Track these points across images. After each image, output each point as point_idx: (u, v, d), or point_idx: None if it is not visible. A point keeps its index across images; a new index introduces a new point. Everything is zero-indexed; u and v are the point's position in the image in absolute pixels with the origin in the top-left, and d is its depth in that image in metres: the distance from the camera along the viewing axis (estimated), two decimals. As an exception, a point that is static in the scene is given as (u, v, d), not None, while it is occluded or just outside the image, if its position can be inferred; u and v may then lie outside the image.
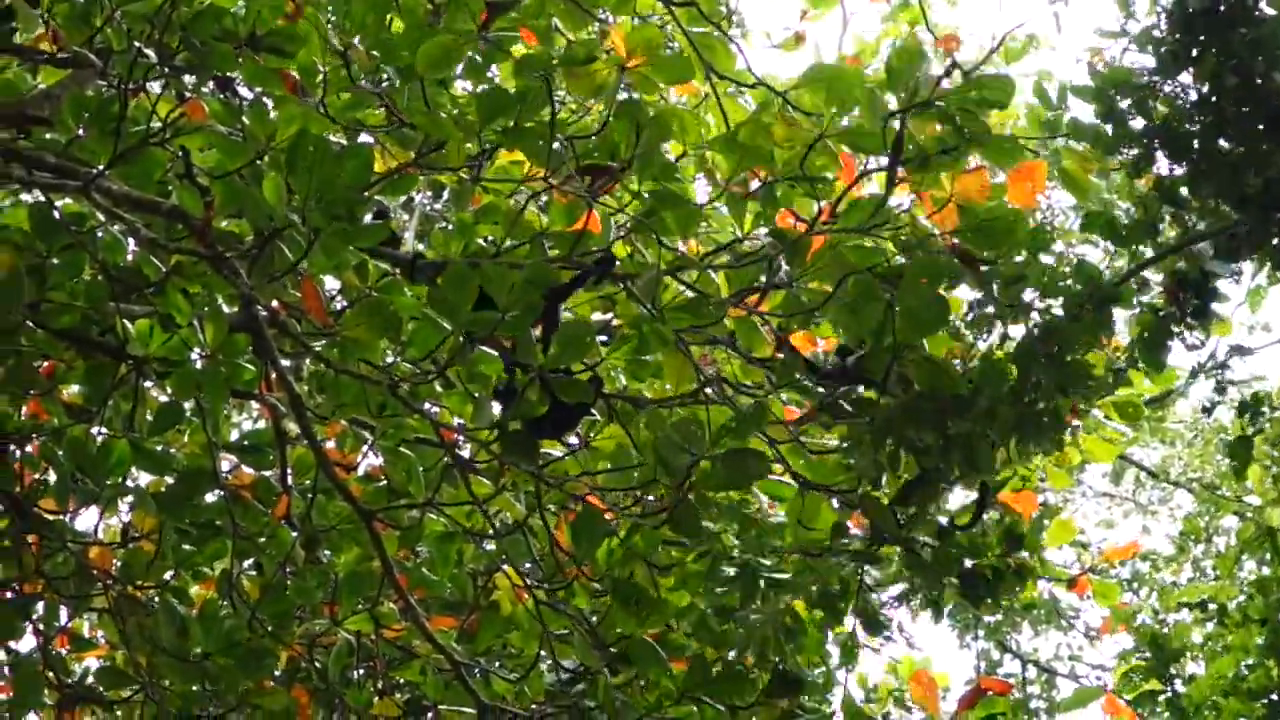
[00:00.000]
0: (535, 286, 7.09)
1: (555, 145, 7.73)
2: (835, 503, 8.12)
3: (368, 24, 7.66)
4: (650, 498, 7.33)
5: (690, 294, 7.71)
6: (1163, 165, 7.54)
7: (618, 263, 7.59)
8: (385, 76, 8.30)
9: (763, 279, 7.63)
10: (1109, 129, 7.56)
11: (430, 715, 8.80)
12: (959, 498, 8.25)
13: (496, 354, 7.13)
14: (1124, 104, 7.52)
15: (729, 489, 7.25)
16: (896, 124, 7.27)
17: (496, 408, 7.56)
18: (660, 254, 7.43)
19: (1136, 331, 7.58)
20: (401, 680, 9.10)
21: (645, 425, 7.66)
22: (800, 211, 7.76)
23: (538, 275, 7.29)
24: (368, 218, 7.67)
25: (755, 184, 7.77)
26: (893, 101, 7.32)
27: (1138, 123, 7.52)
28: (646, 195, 7.81)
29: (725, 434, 7.06)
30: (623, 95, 7.95)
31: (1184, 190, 7.49)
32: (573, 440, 8.11)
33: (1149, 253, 7.63)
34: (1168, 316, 7.54)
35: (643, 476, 7.19)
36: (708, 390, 7.91)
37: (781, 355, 7.62)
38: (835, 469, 7.99)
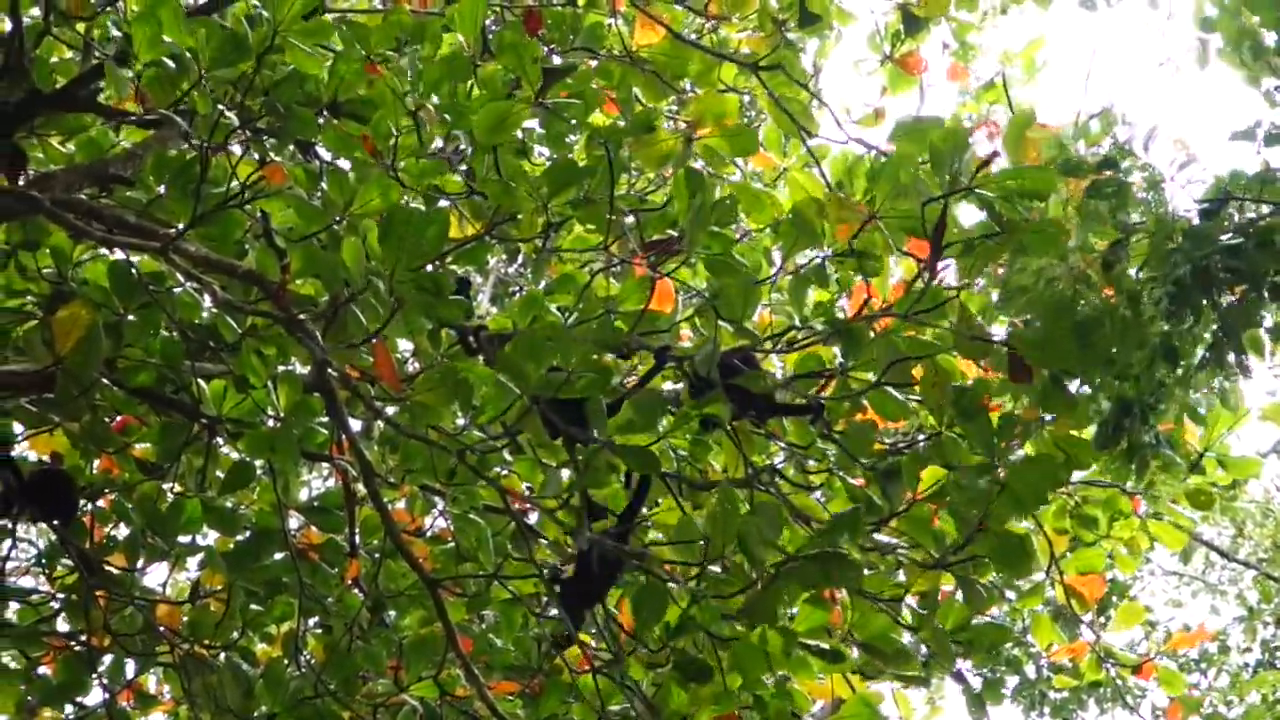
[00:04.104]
0: (603, 348, 7.10)
1: (628, 218, 7.76)
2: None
3: (442, 89, 7.68)
4: (715, 568, 7.26)
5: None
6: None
7: (670, 350, 7.58)
8: (459, 144, 8.35)
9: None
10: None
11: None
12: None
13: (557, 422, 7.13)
14: None
15: (811, 587, 7.17)
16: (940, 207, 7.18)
17: (565, 474, 7.59)
18: (718, 331, 7.40)
19: None
20: (463, 744, 9.08)
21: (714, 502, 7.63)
22: (854, 290, 7.72)
23: (606, 337, 7.31)
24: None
25: (805, 259, 7.74)
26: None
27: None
28: (702, 263, 7.80)
29: (818, 536, 7.01)
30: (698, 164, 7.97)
31: None
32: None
33: None
34: None
35: (712, 552, 7.13)
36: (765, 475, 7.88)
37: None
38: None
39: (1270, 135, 7.32)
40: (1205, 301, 6.79)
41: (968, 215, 7.24)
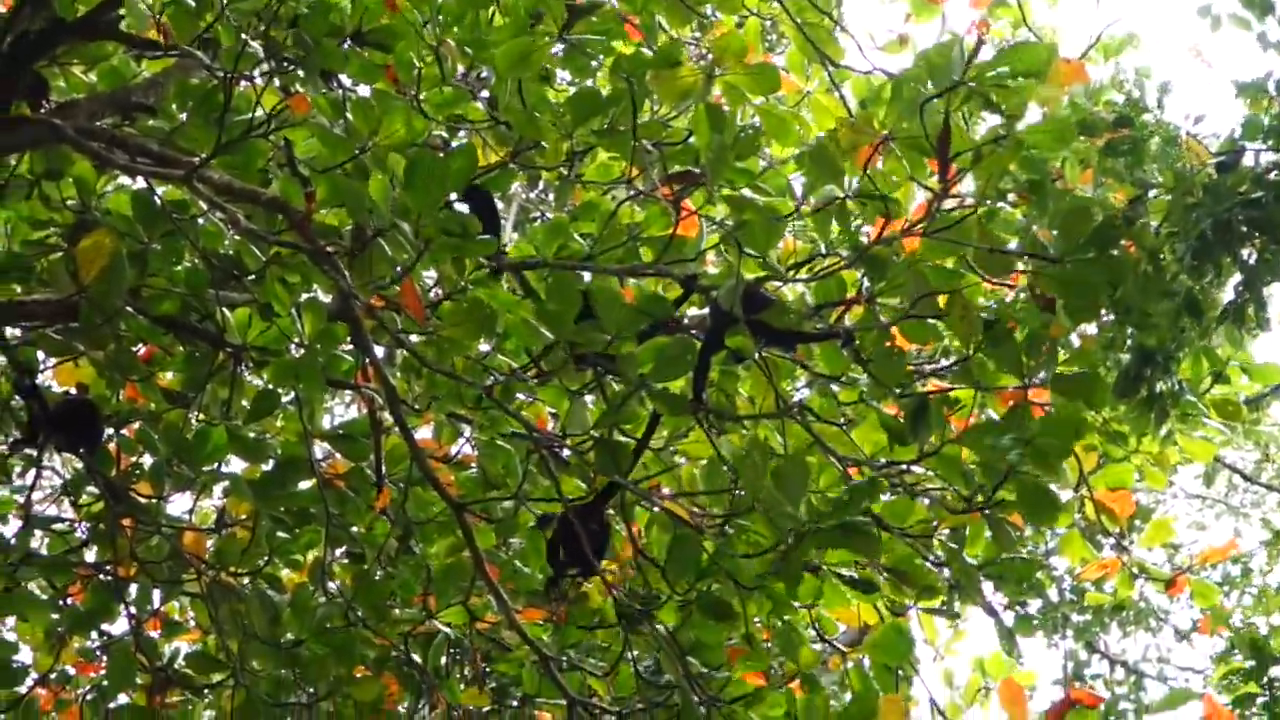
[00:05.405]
0: (646, 315, 7.08)
1: (648, 148, 7.73)
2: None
3: (463, 22, 7.65)
4: (743, 522, 7.25)
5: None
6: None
7: (698, 280, 7.57)
8: (482, 73, 8.32)
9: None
10: None
11: (517, 705, 8.78)
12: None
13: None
14: None
15: (833, 547, 7.17)
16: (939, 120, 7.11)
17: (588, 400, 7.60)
18: (741, 263, 7.36)
19: None
20: (489, 669, 9.12)
21: (737, 440, 7.64)
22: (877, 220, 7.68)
23: (652, 305, 7.28)
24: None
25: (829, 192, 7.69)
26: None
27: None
28: (724, 200, 7.78)
29: (838, 507, 6.99)
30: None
31: None
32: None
33: None
34: None
35: (740, 503, 7.12)
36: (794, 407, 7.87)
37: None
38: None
39: None
40: (1227, 255, 6.79)
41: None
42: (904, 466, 7.49)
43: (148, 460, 8.11)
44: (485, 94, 8.42)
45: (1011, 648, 8.49)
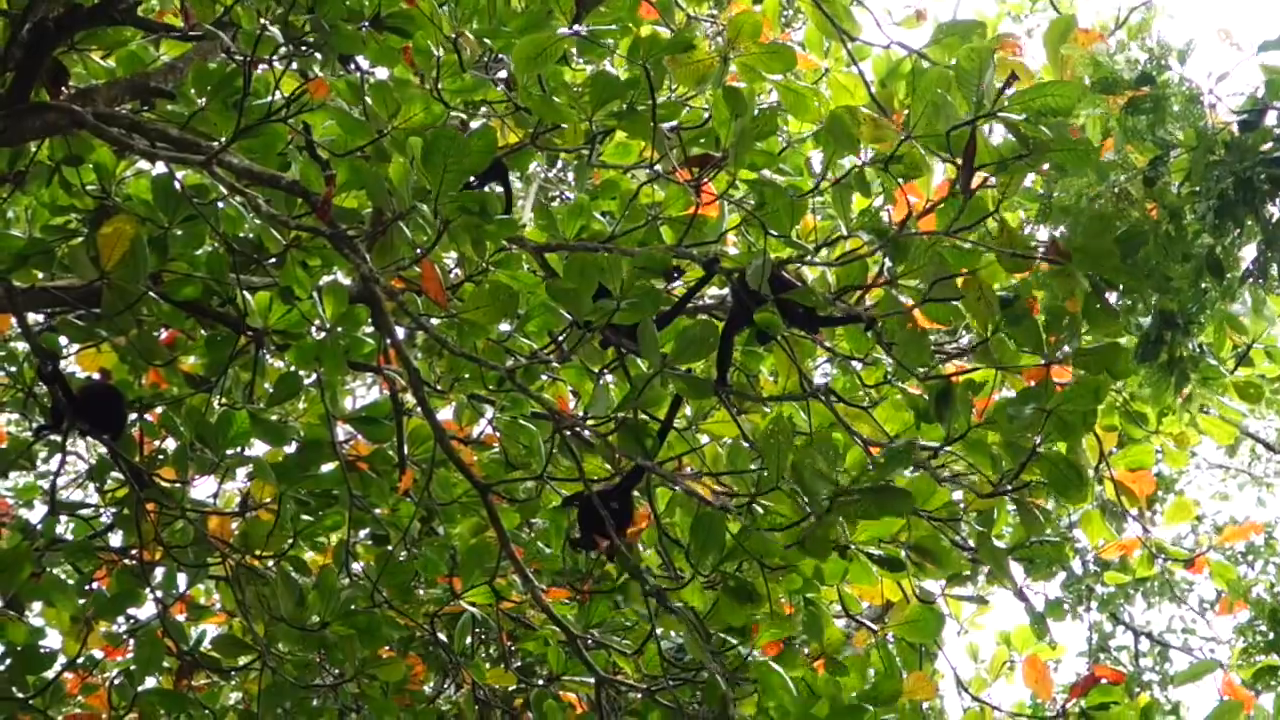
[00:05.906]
0: (650, 273, 7.09)
1: (665, 129, 7.71)
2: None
3: (480, 10, 7.64)
4: (768, 503, 7.25)
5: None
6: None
7: (720, 262, 7.57)
8: (499, 56, 8.31)
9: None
10: None
11: (543, 684, 8.79)
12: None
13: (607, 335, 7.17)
14: None
15: (868, 518, 7.18)
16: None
17: (609, 379, 7.61)
18: (767, 244, 7.36)
19: None
20: (515, 648, 9.14)
21: (760, 420, 7.65)
22: (897, 196, 7.66)
23: (652, 261, 7.29)
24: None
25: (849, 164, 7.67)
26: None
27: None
28: (746, 185, 7.78)
29: (873, 470, 7.00)
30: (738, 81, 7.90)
31: None
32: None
33: None
34: None
35: (765, 482, 7.10)
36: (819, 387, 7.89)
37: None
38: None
39: None
40: (1249, 214, 6.76)
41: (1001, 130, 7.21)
42: (931, 451, 7.50)
43: (171, 445, 8.15)
44: (503, 75, 8.42)
45: (1044, 632, 8.50)
